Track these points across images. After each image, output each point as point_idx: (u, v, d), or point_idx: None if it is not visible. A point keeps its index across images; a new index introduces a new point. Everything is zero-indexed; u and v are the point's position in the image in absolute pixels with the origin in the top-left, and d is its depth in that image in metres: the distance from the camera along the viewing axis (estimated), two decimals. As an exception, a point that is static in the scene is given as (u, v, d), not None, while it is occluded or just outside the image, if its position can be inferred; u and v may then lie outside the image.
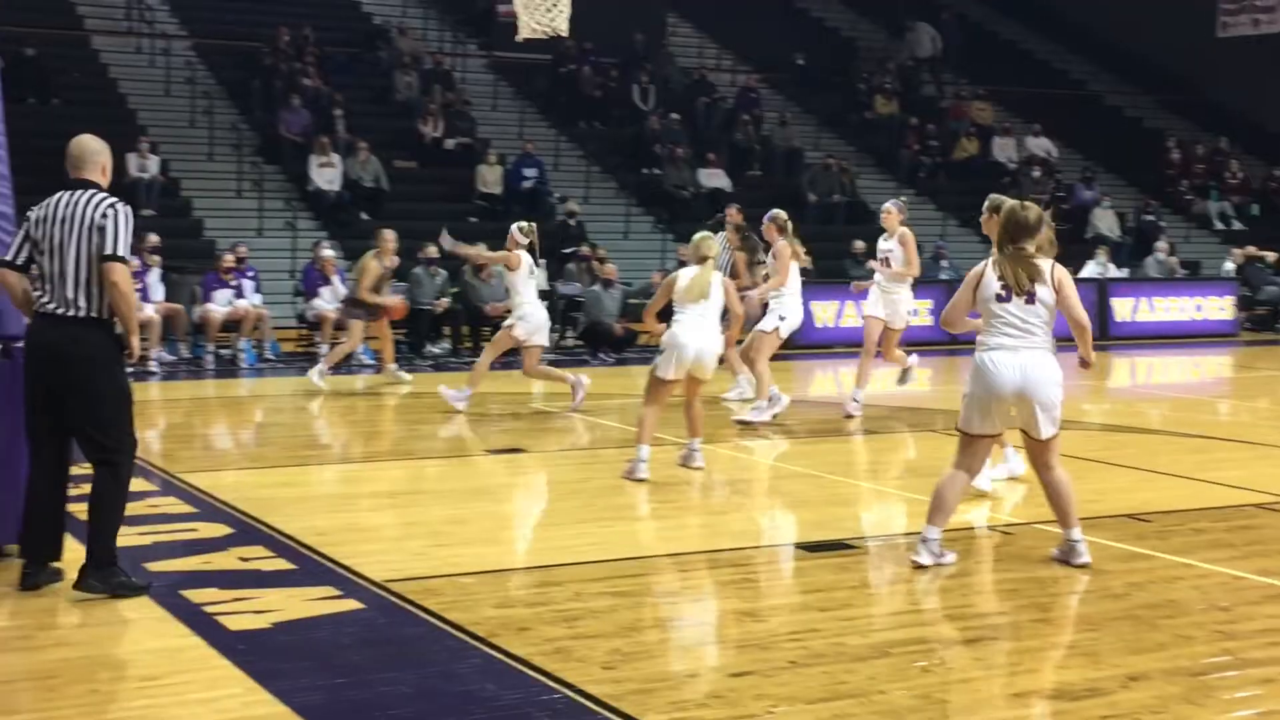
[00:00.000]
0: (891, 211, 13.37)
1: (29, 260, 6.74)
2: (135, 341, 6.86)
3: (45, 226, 6.65)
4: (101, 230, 6.61)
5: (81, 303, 6.61)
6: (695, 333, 9.85)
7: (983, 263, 7.52)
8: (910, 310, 13.51)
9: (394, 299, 16.06)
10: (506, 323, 13.48)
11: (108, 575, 6.68)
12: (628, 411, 13.91)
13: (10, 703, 5.26)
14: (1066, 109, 33.03)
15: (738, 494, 9.92)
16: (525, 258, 13.14)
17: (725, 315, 10.46)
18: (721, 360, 10.59)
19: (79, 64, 25.58)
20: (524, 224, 13.59)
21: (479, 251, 15.48)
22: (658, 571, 7.57)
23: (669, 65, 29.94)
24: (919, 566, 7.34)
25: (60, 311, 6.61)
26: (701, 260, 10.01)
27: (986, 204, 9.01)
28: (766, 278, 13.21)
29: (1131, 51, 35.34)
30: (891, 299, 13.26)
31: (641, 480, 9.59)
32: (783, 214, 13.31)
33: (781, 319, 12.94)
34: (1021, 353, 7.26)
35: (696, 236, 10.31)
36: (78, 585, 6.67)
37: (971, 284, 7.46)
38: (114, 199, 6.75)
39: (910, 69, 32.65)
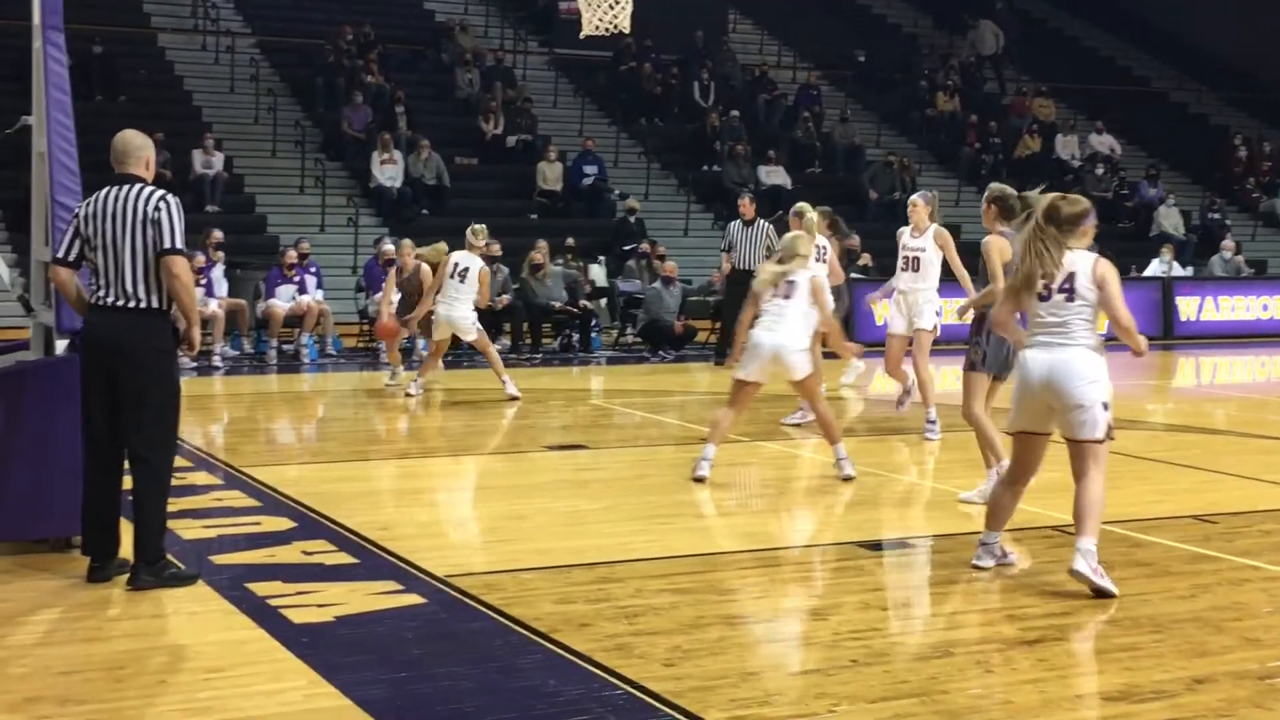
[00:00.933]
0: (918, 205, 11.71)
1: (80, 256, 6.81)
2: (196, 333, 6.93)
3: (96, 222, 6.71)
4: (156, 224, 6.66)
5: (140, 294, 6.69)
6: (772, 331, 9.59)
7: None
8: (937, 311, 11.83)
9: (386, 321, 14.84)
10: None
11: (158, 569, 6.75)
12: (687, 409, 13.92)
13: (80, 692, 5.33)
14: (1130, 105, 32.73)
15: (798, 492, 9.90)
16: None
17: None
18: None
19: (146, 62, 25.88)
20: (476, 226, 14.04)
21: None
22: (718, 569, 7.56)
23: (729, 62, 29.90)
24: (980, 569, 7.28)
25: (119, 304, 6.69)
26: (791, 258, 9.77)
27: (986, 194, 8.76)
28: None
29: (1197, 47, 34.94)
30: (916, 302, 11.75)
31: (700, 479, 9.57)
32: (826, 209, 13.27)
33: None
34: (1055, 350, 6.92)
35: (789, 236, 10.09)
36: (130, 584, 6.73)
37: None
38: (163, 192, 6.82)
39: (972, 65, 32.44)
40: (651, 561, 7.53)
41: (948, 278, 11.54)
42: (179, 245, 6.71)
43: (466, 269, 13.60)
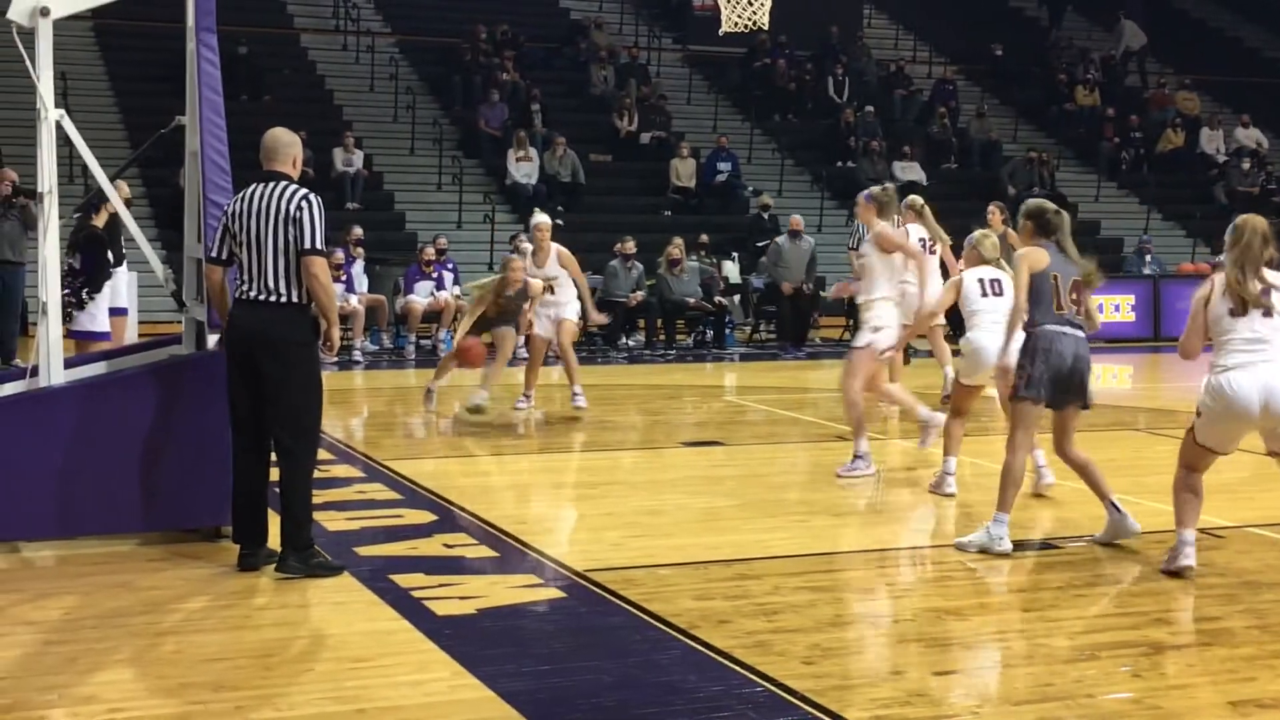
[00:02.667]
0: (860, 203, 10.37)
1: (231, 254, 6.97)
2: (335, 333, 7.03)
3: (242, 220, 6.85)
4: (297, 223, 6.77)
5: (282, 289, 6.80)
6: (991, 333, 9.11)
7: (1207, 282, 7.19)
8: (876, 327, 9.98)
9: (470, 341, 12.62)
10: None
11: (306, 557, 6.90)
12: (821, 406, 13.85)
13: (231, 679, 5.46)
14: (1277, 98, 31.85)
15: (934, 491, 9.79)
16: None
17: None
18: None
19: (289, 62, 26.40)
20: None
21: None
22: (856, 567, 7.52)
23: (864, 57, 29.69)
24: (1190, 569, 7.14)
25: (262, 298, 6.81)
26: (983, 262, 9.53)
27: (1022, 210, 8.07)
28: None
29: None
30: (863, 316, 10.32)
31: (950, 495, 9.20)
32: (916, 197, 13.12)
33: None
34: (1262, 368, 6.89)
35: (976, 235, 9.73)
36: (278, 569, 6.90)
37: (1201, 304, 7.08)
38: (305, 190, 6.91)
39: (1113, 59, 31.82)
40: (789, 559, 7.51)
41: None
42: (319, 245, 6.82)
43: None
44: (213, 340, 7.48)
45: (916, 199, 13.10)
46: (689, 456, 10.96)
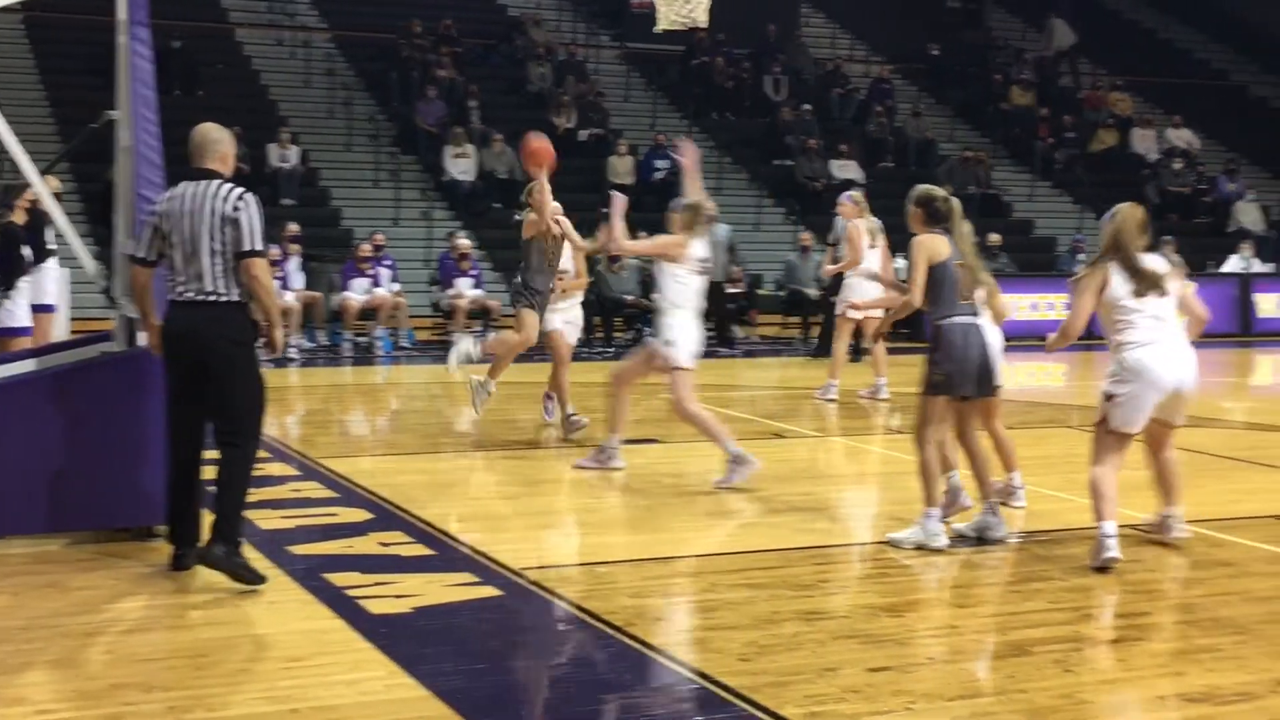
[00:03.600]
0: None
1: (160, 255, 6.78)
2: (278, 334, 6.92)
3: (174, 220, 6.68)
4: (235, 224, 6.62)
5: (220, 288, 6.66)
6: None
7: (1096, 269, 7.36)
8: (668, 340, 9.63)
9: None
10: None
11: (230, 552, 6.67)
12: (757, 403, 13.90)
13: (162, 680, 5.40)
14: (1209, 100, 32.28)
15: (872, 488, 9.85)
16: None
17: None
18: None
19: (223, 56, 26.16)
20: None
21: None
22: (793, 564, 7.54)
23: (802, 56, 29.81)
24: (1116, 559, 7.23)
25: (200, 298, 6.67)
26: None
27: (912, 196, 7.91)
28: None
29: (1277, 40, 34.40)
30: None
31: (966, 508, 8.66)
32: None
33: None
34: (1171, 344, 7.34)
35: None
36: (199, 554, 6.69)
37: (1094, 289, 7.33)
38: (242, 190, 6.76)
39: (1046, 60, 32.12)
40: (726, 556, 7.54)
41: None
42: (259, 247, 6.69)
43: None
44: (143, 339, 7.38)
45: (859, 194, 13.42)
46: (627, 454, 10.93)
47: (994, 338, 8.00)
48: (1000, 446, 8.67)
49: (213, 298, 6.67)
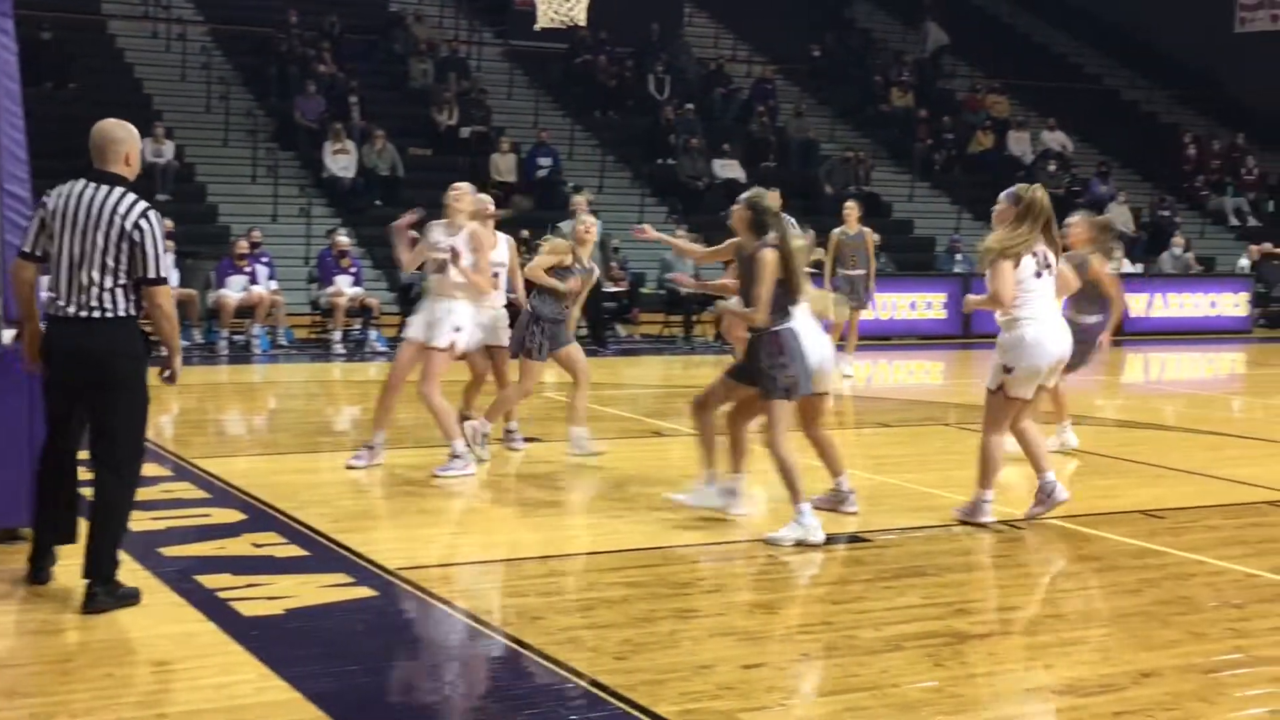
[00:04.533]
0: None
1: (45, 253, 6.31)
2: (178, 361, 6.50)
3: (64, 222, 6.20)
4: (137, 245, 6.15)
5: (107, 303, 6.20)
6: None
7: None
8: (457, 326, 9.94)
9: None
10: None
11: (112, 589, 6.30)
12: (639, 402, 13.91)
13: (25, 685, 5.28)
14: (1082, 103, 32.95)
15: (752, 486, 9.89)
16: None
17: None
18: None
19: (96, 49, 25.62)
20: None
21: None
22: (671, 563, 7.56)
23: (685, 55, 29.91)
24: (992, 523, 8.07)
25: (84, 315, 6.20)
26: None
27: (745, 199, 8.04)
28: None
29: (1148, 46, 35.22)
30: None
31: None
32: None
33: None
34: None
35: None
36: (88, 607, 6.19)
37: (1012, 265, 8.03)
38: (145, 206, 6.23)
39: (926, 61, 32.57)
40: (604, 555, 7.54)
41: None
42: (163, 274, 6.22)
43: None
44: (8, 335, 7.20)
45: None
46: (505, 452, 10.91)
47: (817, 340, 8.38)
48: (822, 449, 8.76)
49: (98, 314, 6.19)
